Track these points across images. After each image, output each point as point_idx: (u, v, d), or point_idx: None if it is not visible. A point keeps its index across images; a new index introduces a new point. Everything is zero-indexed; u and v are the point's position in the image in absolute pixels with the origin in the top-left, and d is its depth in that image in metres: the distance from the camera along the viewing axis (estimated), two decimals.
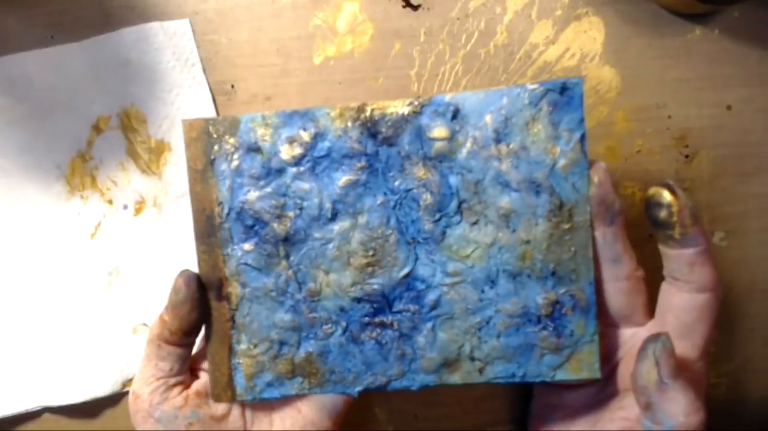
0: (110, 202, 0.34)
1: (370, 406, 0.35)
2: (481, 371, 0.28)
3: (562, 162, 0.27)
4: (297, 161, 0.28)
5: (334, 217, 0.28)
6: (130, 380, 0.34)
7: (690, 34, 0.34)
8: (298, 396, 0.29)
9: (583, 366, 0.27)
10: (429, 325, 0.28)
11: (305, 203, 0.28)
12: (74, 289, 0.34)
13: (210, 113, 0.34)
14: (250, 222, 0.28)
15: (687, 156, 0.34)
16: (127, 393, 0.34)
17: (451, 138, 0.27)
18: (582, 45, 0.34)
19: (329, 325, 0.28)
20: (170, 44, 0.33)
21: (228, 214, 0.28)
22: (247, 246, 0.28)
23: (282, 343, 0.29)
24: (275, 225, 0.28)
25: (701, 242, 0.26)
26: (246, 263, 0.28)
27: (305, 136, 0.28)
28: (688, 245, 0.26)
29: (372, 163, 0.28)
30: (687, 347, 0.26)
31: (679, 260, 0.26)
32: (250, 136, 0.28)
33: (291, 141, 0.28)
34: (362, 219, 0.28)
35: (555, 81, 0.27)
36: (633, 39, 0.34)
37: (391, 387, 0.29)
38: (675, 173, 0.34)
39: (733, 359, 0.35)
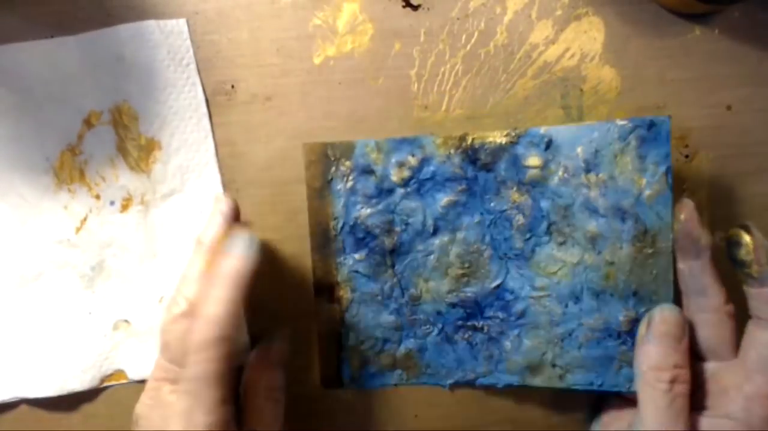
0: (97, 197, 0.34)
1: (371, 406, 0.35)
2: (561, 377, 0.31)
3: (647, 192, 0.29)
4: (405, 183, 0.32)
5: (435, 232, 0.32)
6: (109, 376, 0.34)
7: (690, 34, 0.33)
8: None
9: None
10: (515, 332, 0.32)
11: (411, 220, 0.32)
12: (57, 282, 0.34)
13: (203, 114, 0.33)
14: (361, 235, 0.32)
15: (687, 156, 0.34)
16: (105, 388, 0.34)
17: (544, 166, 0.30)
18: (582, 45, 0.33)
19: (427, 326, 0.32)
20: (166, 43, 0.33)
21: (342, 228, 0.33)
22: (358, 256, 0.33)
23: (385, 340, 0.33)
24: (384, 239, 0.32)
25: None
26: (357, 271, 0.33)
27: (413, 161, 0.32)
28: (766, 283, 0.27)
29: (471, 186, 0.31)
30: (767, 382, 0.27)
31: (759, 298, 0.27)
32: (364, 159, 0.32)
33: (400, 165, 0.32)
34: (460, 235, 0.32)
35: (644, 118, 0.29)
36: (633, 39, 0.33)
37: (479, 383, 0.33)
38: (675, 173, 0.33)
39: None
